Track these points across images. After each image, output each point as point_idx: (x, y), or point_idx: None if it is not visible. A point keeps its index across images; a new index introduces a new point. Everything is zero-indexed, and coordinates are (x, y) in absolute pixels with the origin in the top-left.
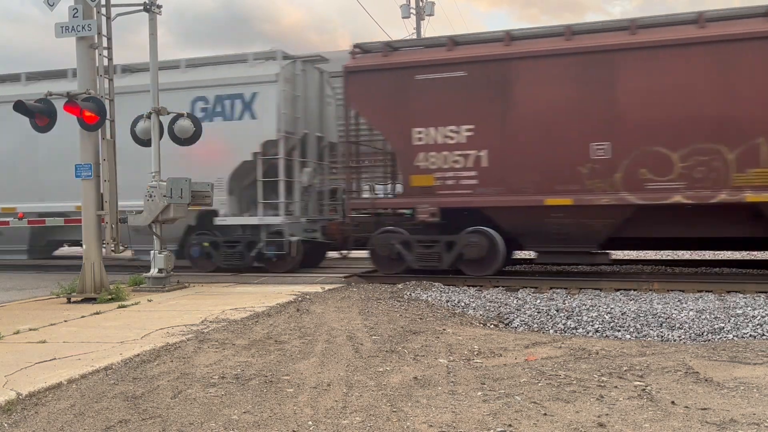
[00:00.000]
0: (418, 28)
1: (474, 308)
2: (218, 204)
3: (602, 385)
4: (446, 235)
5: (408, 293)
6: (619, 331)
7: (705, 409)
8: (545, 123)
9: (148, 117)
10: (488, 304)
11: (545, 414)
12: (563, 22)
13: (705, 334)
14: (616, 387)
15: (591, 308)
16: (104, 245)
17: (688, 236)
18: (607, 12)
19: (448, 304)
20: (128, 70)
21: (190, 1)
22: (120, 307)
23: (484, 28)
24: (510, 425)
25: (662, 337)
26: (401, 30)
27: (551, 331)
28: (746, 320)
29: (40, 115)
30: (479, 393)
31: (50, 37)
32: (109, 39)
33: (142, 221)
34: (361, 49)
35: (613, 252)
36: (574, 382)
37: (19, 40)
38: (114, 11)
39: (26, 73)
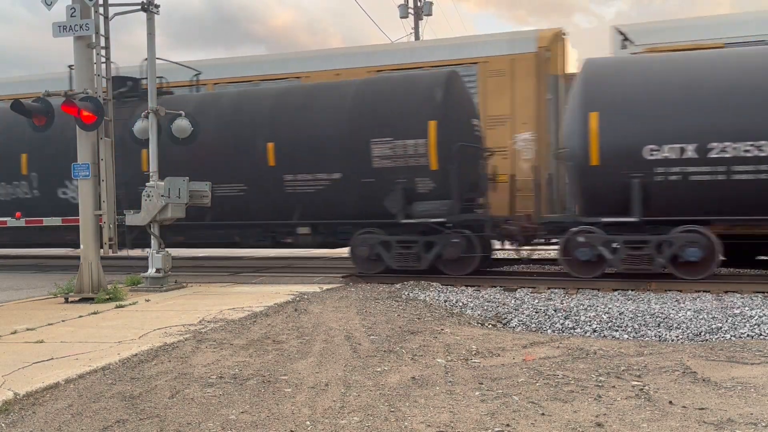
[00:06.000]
0: (416, 29)
1: (472, 308)
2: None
3: (600, 384)
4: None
5: (406, 293)
6: (617, 331)
7: (702, 408)
8: None
9: (146, 117)
10: (486, 303)
11: (543, 414)
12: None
13: (702, 334)
14: (613, 387)
15: (589, 308)
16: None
17: None
18: (594, 13)
19: (446, 304)
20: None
21: (177, 1)
22: (118, 307)
23: (480, 29)
24: (508, 425)
25: (660, 337)
26: (399, 30)
27: (549, 331)
28: (744, 320)
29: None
30: (477, 393)
31: (40, 38)
32: (107, 38)
33: (140, 221)
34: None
35: None
36: (572, 381)
37: (7, 40)
38: (112, 11)
39: None
